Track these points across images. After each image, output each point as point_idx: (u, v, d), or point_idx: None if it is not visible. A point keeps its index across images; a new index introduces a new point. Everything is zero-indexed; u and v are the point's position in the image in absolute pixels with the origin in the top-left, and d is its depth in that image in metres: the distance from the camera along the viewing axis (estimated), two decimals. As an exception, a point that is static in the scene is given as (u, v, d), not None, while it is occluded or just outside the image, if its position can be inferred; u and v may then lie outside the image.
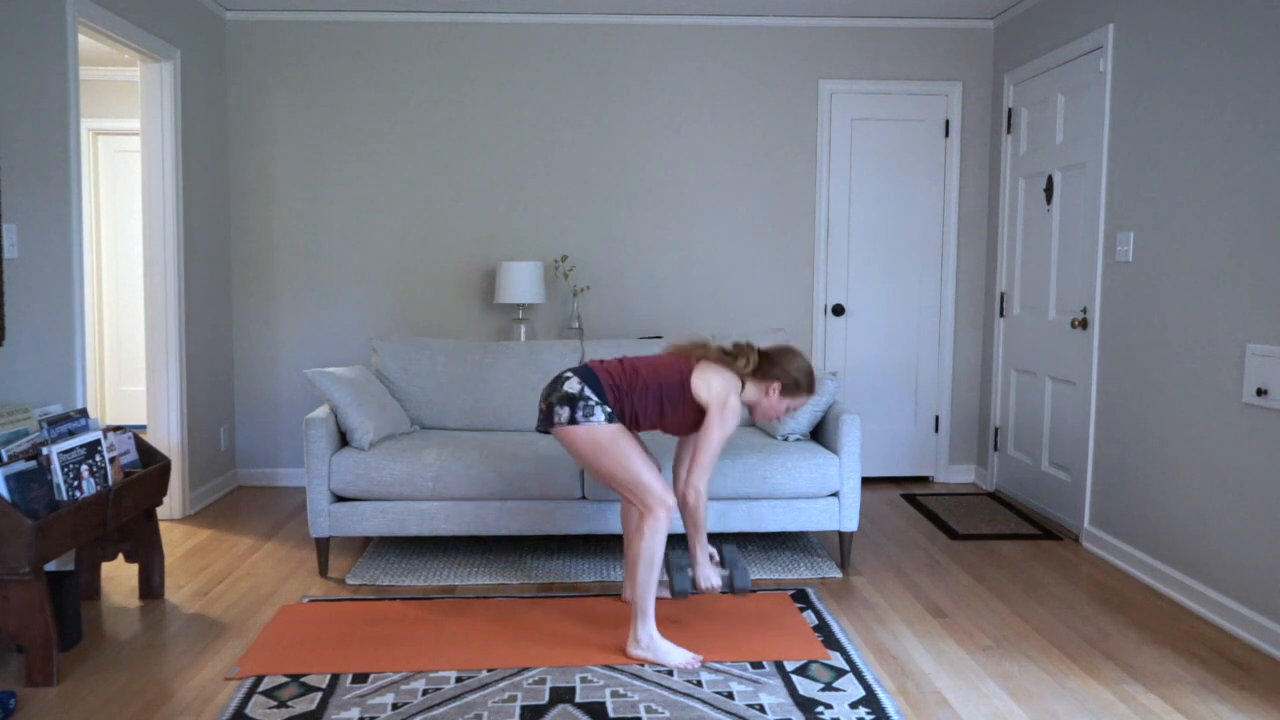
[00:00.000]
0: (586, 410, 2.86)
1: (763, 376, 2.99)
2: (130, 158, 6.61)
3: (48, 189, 3.49)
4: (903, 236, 5.24)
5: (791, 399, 3.02)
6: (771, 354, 3.02)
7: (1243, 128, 3.17)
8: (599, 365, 2.99)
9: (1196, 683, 2.79)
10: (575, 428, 2.86)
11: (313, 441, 3.62)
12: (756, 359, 2.99)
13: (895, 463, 5.37)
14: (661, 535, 2.86)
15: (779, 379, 2.98)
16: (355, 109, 5.09)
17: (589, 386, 2.89)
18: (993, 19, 5.13)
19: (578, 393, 2.88)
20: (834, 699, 2.64)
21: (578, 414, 2.86)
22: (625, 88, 5.12)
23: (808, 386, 3.02)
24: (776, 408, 3.02)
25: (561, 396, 2.89)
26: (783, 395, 3.00)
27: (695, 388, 2.93)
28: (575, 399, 2.87)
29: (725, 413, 2.90)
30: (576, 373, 2.94)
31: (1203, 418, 3.36)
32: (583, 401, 2.86)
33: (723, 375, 2.95)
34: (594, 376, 2.92)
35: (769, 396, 2.99)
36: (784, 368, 2.99)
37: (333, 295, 5.17)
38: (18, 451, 2.84)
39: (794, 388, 3.00)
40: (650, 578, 2.87)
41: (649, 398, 2.94)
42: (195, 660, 2.92)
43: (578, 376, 2.92)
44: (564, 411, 2.87)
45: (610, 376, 2.94)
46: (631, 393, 2.93)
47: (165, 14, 4.35)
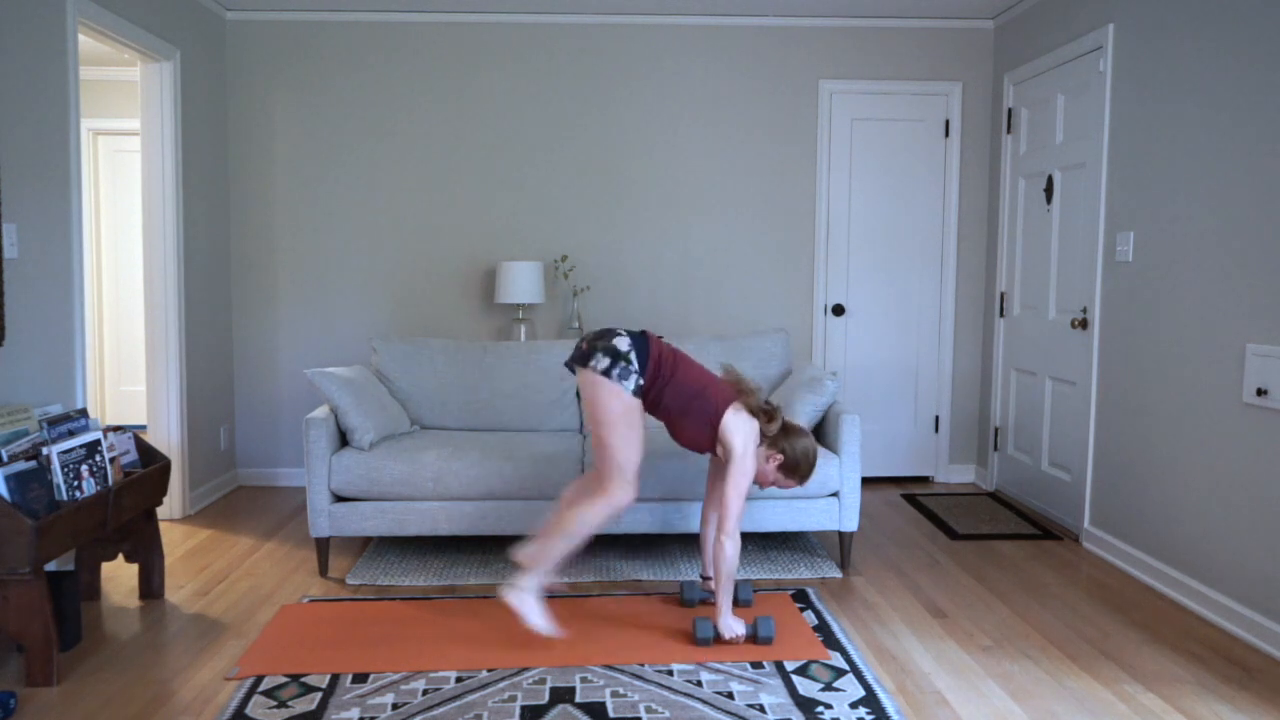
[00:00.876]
0: (623, 372, 2.88)
1: (772, 443, 3.04)
2: (130, 158, 6.61)
3: (48, 189, 3.49)
4: (903, 236, 5.24)
5: (785, 477, 3.08)
6: (790, 427, 3.07)
7: (1243, 128, 3.18)
8: (655, 340, 3.01)
9: (1196, 683, 2.79)
10: (605, 380, 2.88)
11: (313, 441, 3.62)
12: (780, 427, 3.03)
13: (895, 463, 5.37)
14: (605, 517, 2.89)
15: (784, 453, 3.04)
16: (355, 109, 5.09)
17: (636, 352, 2.91)
18: (993, 19, 5.13)
19: (625, 351, 2.90)
20: (834, 699, 2.64)
21: (614, 370, 2.88)
22: (625, 88, 5.13)
23: (804, 473, 3.08)
24: (767, 476, 3.08)
25: (608, 347, 2.91)
26: (779, 469, 3.06)
27: (726, 423, 2.98)
28: (619, 355, 2.89)
29: (745, 465, 2.96)
30: (631, 335, 2.96)
31: (1203, 418, 3.36)
32: (624, 362, 2.89)
33: (753, 429, 3.00)
34: (645, 346, 2.95)
35: (768, 464, 3.05)
36: (792, 444, 3.04)
37: (333, 295, 5.17)
38: (18, 451, 2.84)
39: (792, 468, 3.06)
40: (564, 547, 2.90)
41: (681, 395, 2.97)
42: (195, 660, 2.92)
43: (630, 339, 2.94)
44: (603, 360, 2.89)
45: (659, 354, 2.97)
46: (669, 381, 2.97)
47: (165, 14, 4.35)
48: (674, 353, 3.05)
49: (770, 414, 3.04)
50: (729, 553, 2.95)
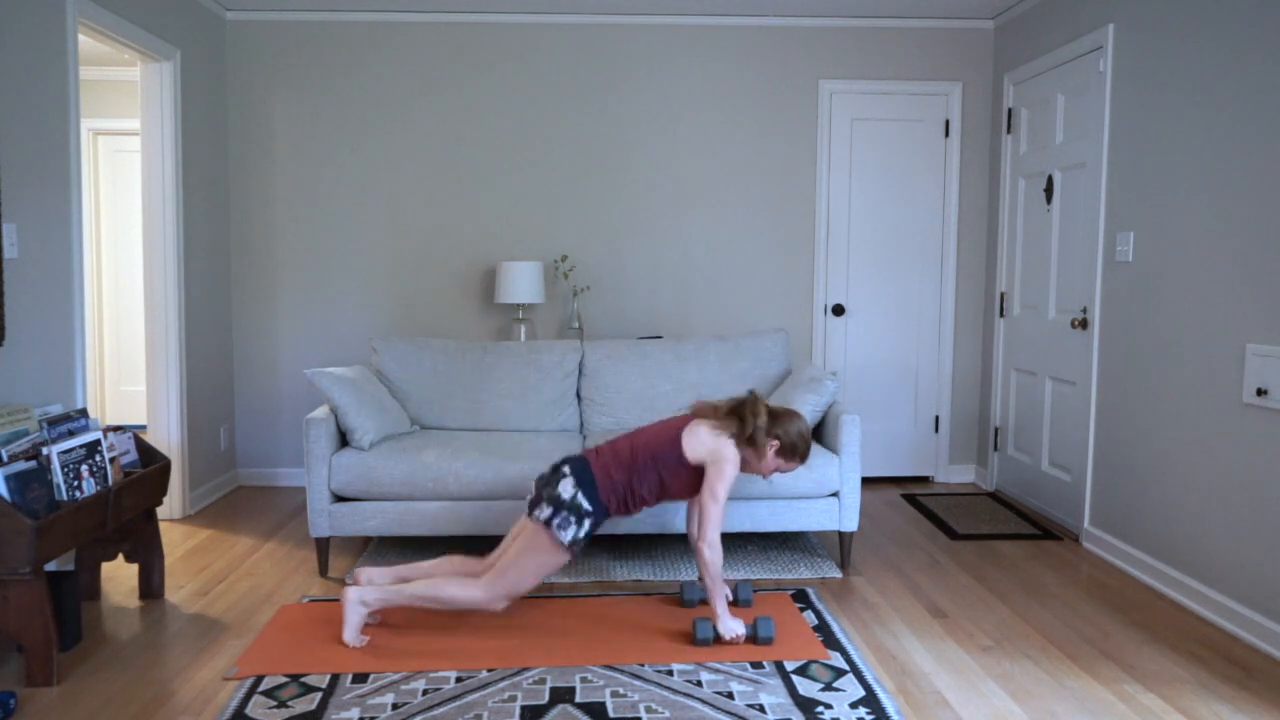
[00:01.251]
0: (563, 522, 2.92)
1: (766, 432, 3.02)
2: (130, 158, 6.61)
3: (48, 189, 3.49)
4: (903, 236, 5.24)
5: (785, 461, 3.08)
6: (776, 412, 3.07)
7: (1243, 127, 3.18)
8: (597, 460, 3.02)
9: (1196, 683, 2.79)
10: (545, 530, 2.93)
11: (313, 441, 3.62)
12: (765, 413, 3.03)
13: (895, 463, 5.37)
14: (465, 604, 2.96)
15: (779, 437, 3.03)
16: (355, 109, 5.09)
17: (583, 492, 2.95)
18: (993, 19, 5.13)
19: (569, 500, 2.93)
20: (834, 699, 2.64)
21: (554, 520, 2.92)
22: (625, 88, 5.13)
23: (803, 452, 3.08)
24: (767, 465, 3.07)
25: (552, 497, 2.95)
26: (777, 455, 3.06)
27: (686, 447, 2.99)
28: (561, 504, 2.93)
29: (722, 463, 2.96)
30: (574, 472, 2.98)
31: (1203, 418, 3.36)
32: (567, 511, 2.92)
33: (710, 426, 3.00)
34: (590, 476, 2.97)
35: (762, 455, 3.04)
36: (785, 427, 3.04)
37: (333, 295, 5.17)
38: (18, 451, 2.84)
39: (790, 450, 3.06)
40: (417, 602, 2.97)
41: (648, 473, 3.00)
42: (195, 660, 2.92)
43: (574, 479, 2.97)
44: (546, 510, 2.94)
45: (608, 476, 2.99)
46: (631, 481, 2.99)
47: (165, 14, 4.35)
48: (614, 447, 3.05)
49: (742, 407, 3.03)
50: (709, 558, 2.96)
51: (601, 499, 2.97)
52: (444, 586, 2.96)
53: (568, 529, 2.92)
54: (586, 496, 2.95)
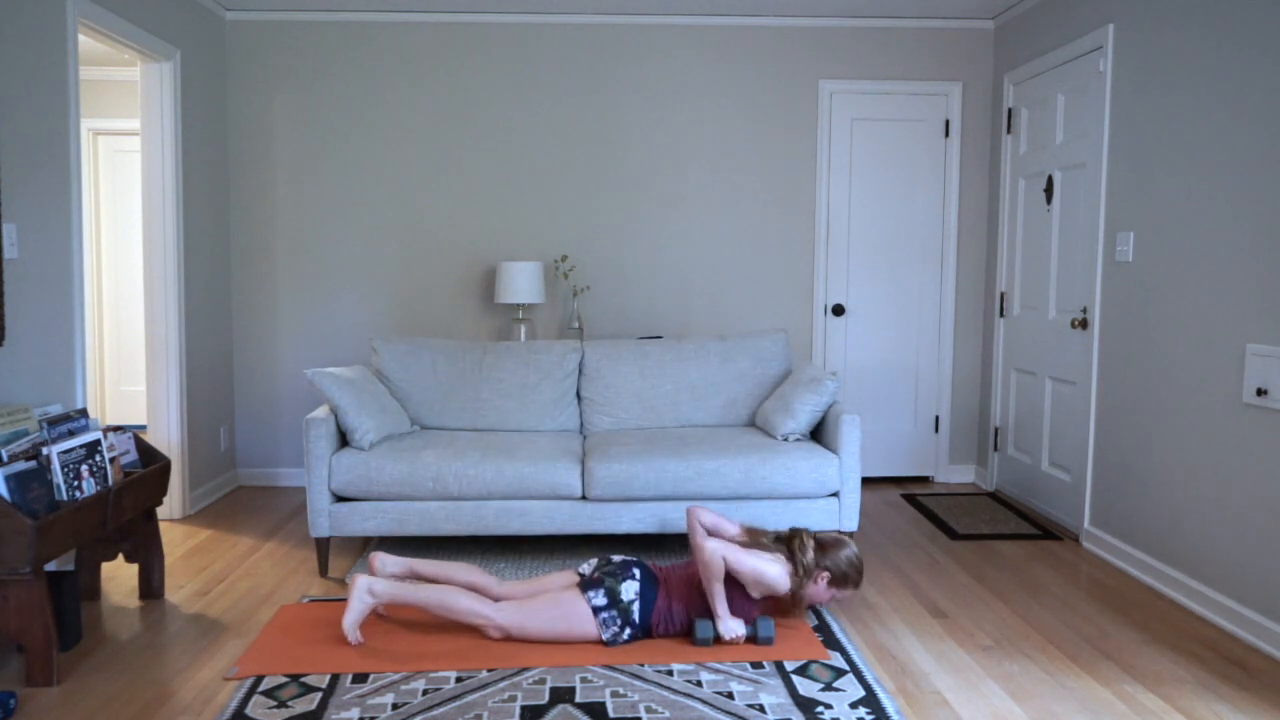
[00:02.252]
0: (609, 620, 2.95)
1: (815, 565, 3.05)
2: (130, 158, 6.61)
3: (48, 189, 3.49)
4: (903, 236, 5.24)
5: (839, 590, 3.10)
6: (825, 542, 3.10)
7: (1243, 128, 3.17)
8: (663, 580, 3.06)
9: (1196, 683, 2.79)
10: (589, 612, 2.95)
11: (313, 441, 3.62)
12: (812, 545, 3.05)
13: (895, 463, 5.37)
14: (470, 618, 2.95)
15: (829, 569, 3.06)
16: (355, 109, 5.09)
17: (639, 604, 2.97)
18: (993, 19, 5.13)
19: (625, 603, 2.96)
20: (834, 699, 2.64)
21: (603, 614, 2.94)
22: (625, 88, 5.13)
23: (856, 581, 3.10)
24: (823, 595, 3.09)
25: (612, 591, 2.97)
26: (830, 585, 3.08)
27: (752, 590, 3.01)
28: (617, 604, 2.95)
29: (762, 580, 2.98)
30: (642, 578, 3.01)
31: (1203, 418, 3.36)
32: (618, 614, 2.95)
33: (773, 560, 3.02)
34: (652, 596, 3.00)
35: (817, 584, 3.06)
36: (834, 559, 3.07)
37: (333, 295, 5.18)
38: (18, 451, 2.84)
39: (843, 580, 3.08)
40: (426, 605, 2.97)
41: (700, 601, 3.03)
42: (195, 660, 2.92)
43: (640, 585, 2.99)
44: (601, 599, 2.96)
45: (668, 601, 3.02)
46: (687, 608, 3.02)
47: (165, 14, 4.35)
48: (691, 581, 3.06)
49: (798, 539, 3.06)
50: (717, 564, 2.96)
51: (651, 620, 3.00)
52: (455, 599, 2.96)
53: (610, 628, 2.95)
54: (641, 610, 2.97)
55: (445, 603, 2.96)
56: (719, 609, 2.98)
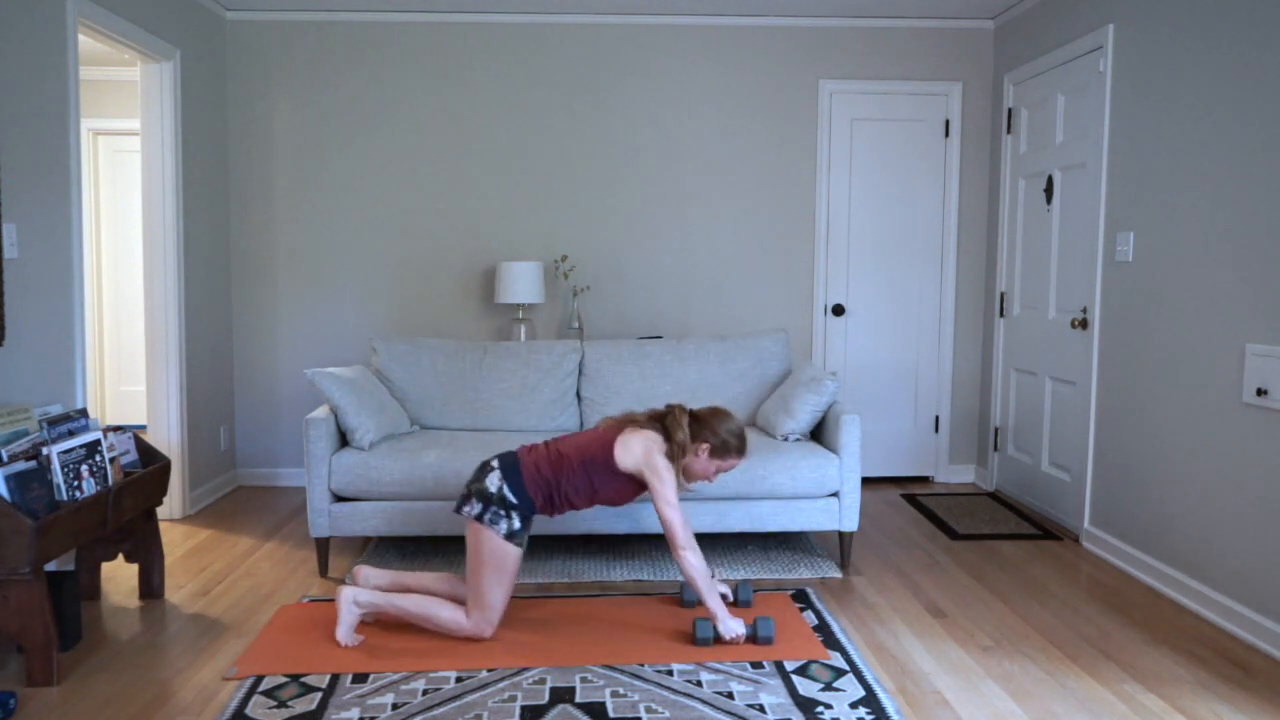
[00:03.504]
0: (494, 516, 2.93)
1: (692, 439, 3.03)
2: (130, 158, 6.61)
3: (48, 189, 3.49)
4: (903, 236, 5.24)
5: (721, 460, 3.07)
6: (701, 415, 3.07)
7: (1242, 128, 3.17)
8: (528, 456, 3.04)
9: (1196, 683, 2.79)
10: (477, 525, 2.95)
11: (313, 441, 3.62)
12: (685, 419, 3.03)
13: (895, 463, 5.37)
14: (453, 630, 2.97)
15: (707, 440, 3.03)
16: (355, 109, 5.09)
17: (509, 484, 2.95)
18: (993, 19, 5.13)
19: (495, 493, 2.95)
20: (834, 699, 2.64)
21: (485, 515, 2.94)
22: (625, 88, 5.13)
23: (738, 448, 3.08)
24: (706, 468, 3.07)
25: (479, 491, 2.97)
26: (712, 456, 3.05)
27: (618, 458, 3.00)
28: (489, 499, 2.95)
29: (659, 471, 2.96)
30: (502, 466, 3.00)
31: (1203, 418, 3.36)
32: (496, 505, 2.94)
33: (641, 436, 3.01)
34: (517, 469, 2.99)
35: (699, 457, 3.04)
36: (713, 429, 3.04)
37: (333, 295, 5.17)
38: (18, 451, 2.84)
39: (723, 448, 3.05)
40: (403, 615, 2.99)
41: (577, 478, 3.00)
42: (195, 660, 2.92)
43: (500, 472, 2.98)
44: (476, 506, 2.96)
45: (536, 470, 3.00)
46: (559, 479, 3.00)
47: (165, 14, 4.35)
48: (547, 449, 3.06)
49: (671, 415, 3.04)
50: (692, 563, 2.96)
51: (528, 492, 2.97)
52: (437, 610, 2.98)
53: (500, 522, 2.93)
54: (512, 489, 2.96)
55: (427, 613, 2.98)
56: (715, 608, 2.98)
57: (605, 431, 3.08)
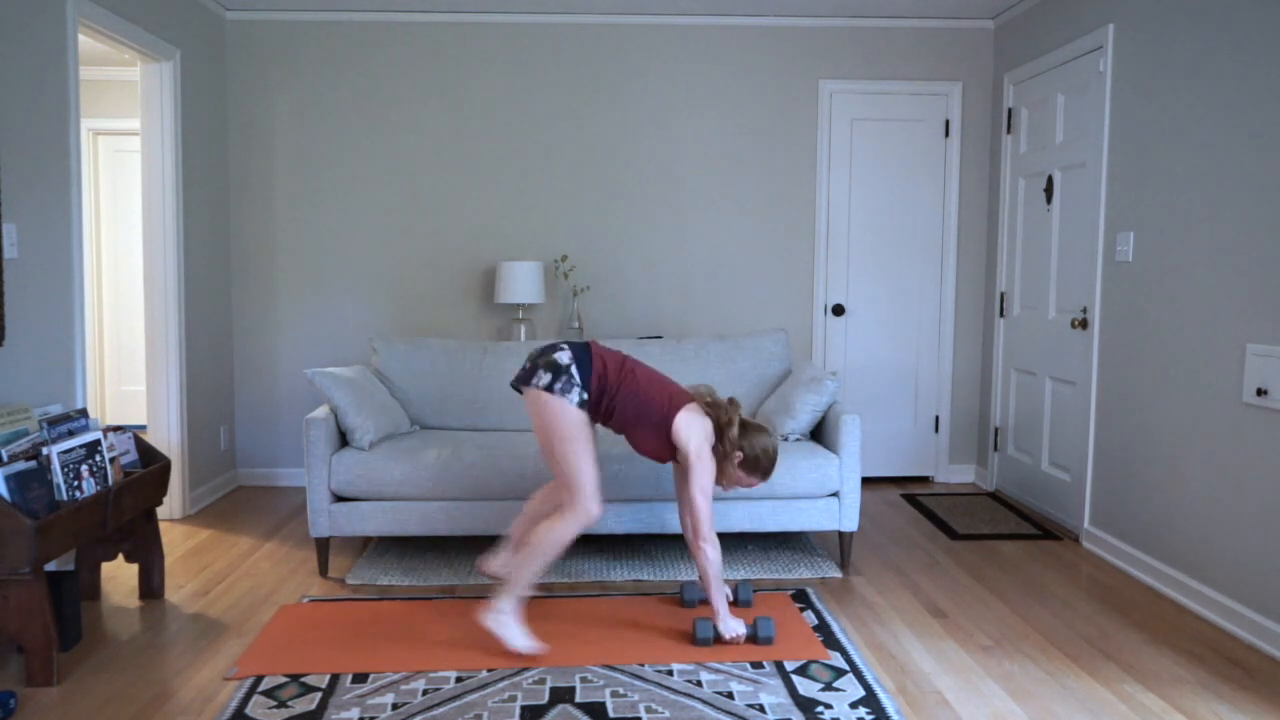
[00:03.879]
0: (565, 386, 2.85)
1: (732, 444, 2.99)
2: (130, 158, 6.61)
3: (48, 189, 3.49)
4: (903, 236, 5.24)
5: (747, 474, 3.05)
6: (747, 424, 3.04)
7: (1243, 128, 3.17)
8: (599, 350, 2.99)
9: (1196, 683, 2.79)
10: (548, 396, 2.85)
11: (313, 441, 3.62)
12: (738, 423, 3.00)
13: (895, 463, 5.37)
14: (572, 533, 2.87)
15: (744, 451, 3.00)
16: (355, 109, 5.09)
17: (577, 365, 2.88)
18: (993, 19, 5.13)
19: (565, 365, 2.87)
20: (834, 699, 2.64)
21: (556, 385, 2.85)
22: (625, 88, 5.13)
23: (766, 469, 3.04)
24: (732, 475, 3.03)
25: (549, 363, 2.88)
26: (740, 466, 3.02)
27: (677, 426, 2.94)
28: (560, 370, 2.86)
29: (701, 463, 2.93)
30: (573, 347, 2.94)
31: (1203, 418, 3.36)
32: (566, 376, 2.86)
33: (705, 426, 2.97)
34: (587, 358, 2.92)
35: (730, 463, 3.00)
36: (751, 442, 3.00)
37: (333, 295, 5.17)
38: (18, 451, 2.84)
39: (754, 464, 3.02)
40: (539, 569, 2.89)
41: (631, 403, 2.94)
42: (195, 660, 2.92)
43: (571, 351, 2.91)
44: (545, 377, 2.86)
45: (603, 364, 2.93)
46: (618, 390, 2.93)
47: (165, 14, 4.35)
48: (623, 361, 3.00)
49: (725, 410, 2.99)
50: (710, 557, 2.95)
51: (592, 382, 2.90)
52: (548, 535, 2.86)
53: (572, 391, 2.84)
54: (580, 371, 2.88)
55: (545, 547, 2.85)
56: (719, 606, 2.98)
57: (678, 394, 2.99)
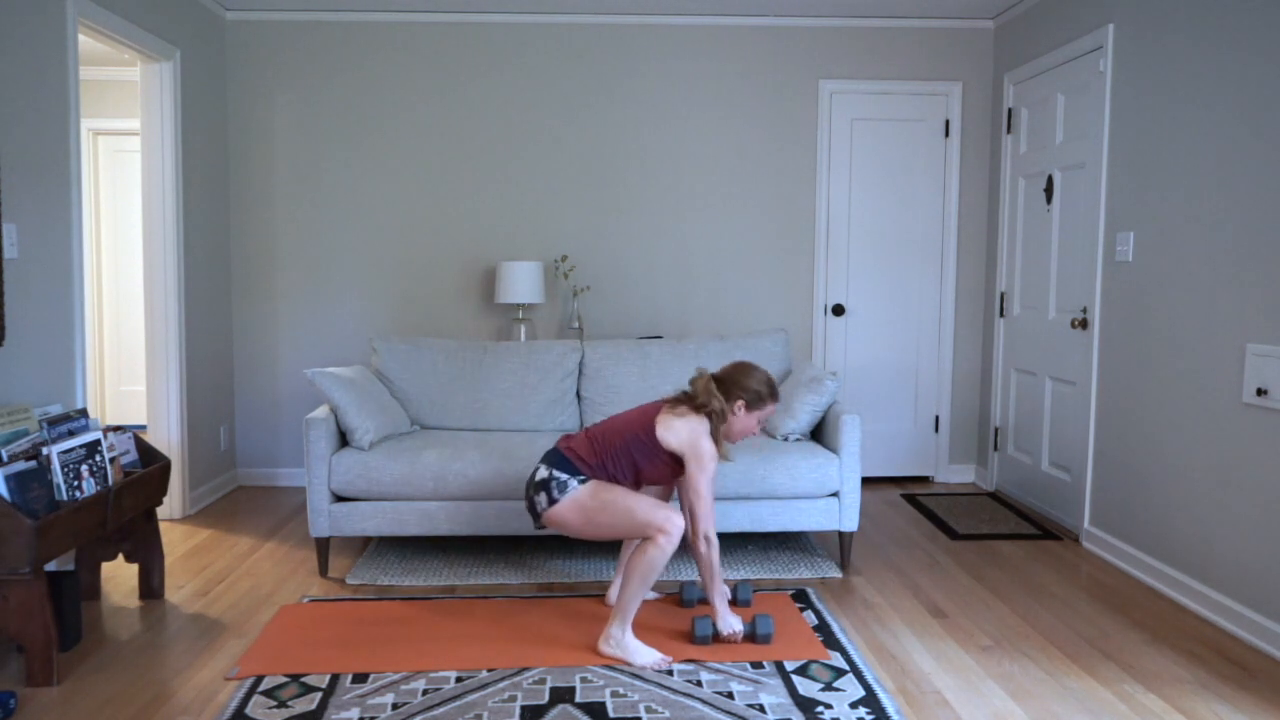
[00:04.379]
0: (560, 486, 2.91)
1: (726, 400, 2.99)
2: (130, 158, 6.61)
3: (48, 189, 3.49)
4: (903, 236, 5.24)
5: (760, 411, 3.03)
6: (725, 375, 3.02)
7: (1243, 128, 3.17)
8: (566, 446, 3.02)
9: (1196, 683, 2.79)
10: (557, 506, 2.92)
11: (313, 441, 3.62)
12: (714, 386, 2.99)
13: (895, 463, 5.37)
14: (667, 553, 2.87)
15: (741, 397, 2.99)
16: (355, 109, 5.09)
17: (556, 468, 2.94)
18: (993, 19, 5.13)
19: (547, 478, 2.93)
20: (834, 699, 2.64)
21: (554, 493, 2.91)
22: (625, 88, 5.12)
23: (771, 394, 3.03)
24: (747, 424, 3.03)
25: (535, 486, 2.95)
26: (750, 410, 3.01)
27: (663, 439, 2.96)
28: (547, 483, 2.93)
29: (701, 458, 2.93)
30: (545, 460, 2.98)
31: (1203, 418, 3.36)
32: (554, 482, 2.92)
33: (686, 419, 2.97)
34: (563, 459, 2.97)
35: (737, 416, 3.00)
36: (742, 385, 3.00)
37: (333, 295, 5.17)
38: (18, 451, 2.84)
39: (758, 400, 3.01)
40: (641, 591, 2.89)
41: (621, 458, 2.98)
42: (195, 660, 2.92)
43: (545, 464, 2.97)
44: (542, 499, 2.93)
45: (577, 455, 2.98)
46: (605, 460, 2.97)
47: (165, 14, 4.35)
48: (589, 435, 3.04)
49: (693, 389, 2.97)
50: (706, 554, 2.96)
51: (576, 464, 2.95)
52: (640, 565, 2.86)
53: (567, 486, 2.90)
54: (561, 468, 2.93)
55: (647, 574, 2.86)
56: (717, 603, 2.98)
57: (647, 408, 3.04)
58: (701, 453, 2.93)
